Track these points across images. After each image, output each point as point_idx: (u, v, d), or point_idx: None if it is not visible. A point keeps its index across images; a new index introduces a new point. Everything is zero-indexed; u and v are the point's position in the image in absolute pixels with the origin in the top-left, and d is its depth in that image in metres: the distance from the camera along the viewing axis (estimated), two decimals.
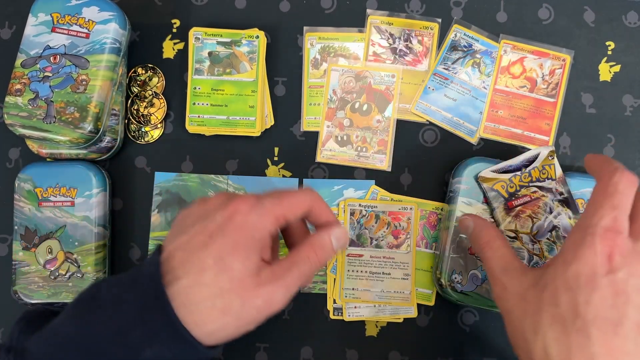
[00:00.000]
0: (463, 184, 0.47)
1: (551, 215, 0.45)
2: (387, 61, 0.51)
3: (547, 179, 0.46)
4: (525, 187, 0.46)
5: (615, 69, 0.52)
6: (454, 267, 0.46)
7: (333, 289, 0.49)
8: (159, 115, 0.51)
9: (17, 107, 0.44)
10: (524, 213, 0.45)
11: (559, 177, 0.46)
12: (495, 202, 0.46)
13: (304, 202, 0.38)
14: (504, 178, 0.46)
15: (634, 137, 0.51)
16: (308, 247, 0.37)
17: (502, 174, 0.46)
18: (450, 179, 0.48)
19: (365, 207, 0.49)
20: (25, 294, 0.46)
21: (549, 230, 0.45)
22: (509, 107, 0.51)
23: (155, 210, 0.50)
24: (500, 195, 0.46)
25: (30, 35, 0.46)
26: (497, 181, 0.46)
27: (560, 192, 0.46)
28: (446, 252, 0.46)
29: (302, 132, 0.51)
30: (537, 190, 0.46)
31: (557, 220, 0.45)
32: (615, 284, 0.31)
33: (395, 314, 0.48)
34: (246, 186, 0.50)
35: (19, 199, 0.47)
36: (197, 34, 0.48)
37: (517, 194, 0.46)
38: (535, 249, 0.45)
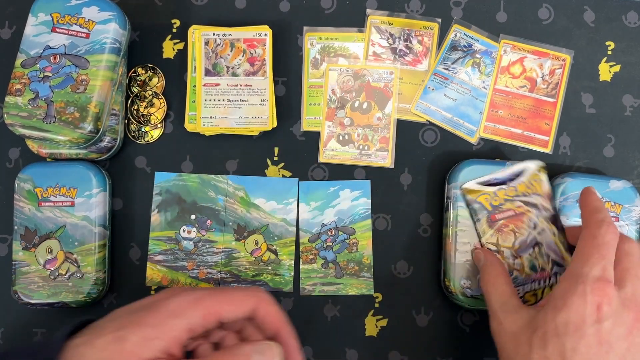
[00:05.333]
0: (460, 189, 0.47)
1: (535, 231, 0.44)
2: (387, 61, 0.51)
3: (534, 194, 0.45)
4: (510, 200, 0.45)
5: (615, 69, 0.52)
6: (461, 274, 0.46)
7: None
8: (159, 115, 0.51)
9: (17, 107, 0.44)
10: (507, 227, 0.45)
11: (546, 193, 0.45)
12: (478, 214, 0.45)
13: (245, 301, 0.34)
14: (489, 191, 0.45)
15: (633, 137, 0.51)
16: (224, 356, 0.33)
17: (488, 186, 0.46)
18: (446, 185, 0.48)
19: (219, 35, 0.48)
20: (25, 294, 0.46)
21: (531, 246, 0.44)
22: (509, 107, 0.51)
23: (155, 210, 0.50)
24: (483, 208, 0.45)
25: (30, 35, 0.46)
26: (481, 194, 0.45)
27: (546, 208, 0.45)
28: (452, 259, 0.46)
29: (302, 132, 0.51)
30: (522, 205, 0.45)
31: (540, 236, 0.44)
32: (600, 333, 0.34)
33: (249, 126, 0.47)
34: (246, 186, 0.50)
35: (18, 198, 0.47)
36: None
37: (501, 207, 0.45)
38: (516, 264, 0.44)
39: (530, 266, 0.44)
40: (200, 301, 0.33)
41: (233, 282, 0.49)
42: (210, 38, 0.48)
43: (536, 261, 0.44)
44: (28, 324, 0.49)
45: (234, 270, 0.49)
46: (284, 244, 0.49)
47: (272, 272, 0.49)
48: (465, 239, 0.46)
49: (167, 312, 0.32)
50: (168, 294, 0.34)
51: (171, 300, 0.33)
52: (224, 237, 0.49)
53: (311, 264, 0.49)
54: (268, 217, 0.49)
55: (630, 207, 0.47)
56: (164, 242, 0.49)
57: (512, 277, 0.43)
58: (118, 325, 0.32)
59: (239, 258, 0.49)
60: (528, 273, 0.44)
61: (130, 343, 0.31)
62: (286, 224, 0.49)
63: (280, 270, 0.49)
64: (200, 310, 0.33)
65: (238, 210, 0.49)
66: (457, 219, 0.46)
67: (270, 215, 0.49)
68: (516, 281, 0.44)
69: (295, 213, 0.50)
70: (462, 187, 0.46)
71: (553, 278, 0.44)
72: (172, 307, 0.33)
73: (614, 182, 0.47)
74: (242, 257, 0.49)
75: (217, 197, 0.50)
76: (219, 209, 0.49)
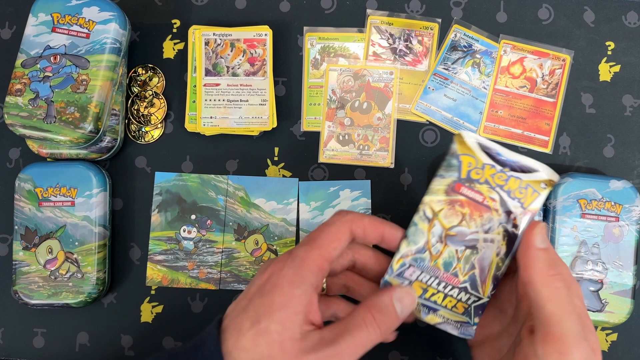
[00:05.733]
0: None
1: (483, 234, 0.36)
2: (387, 61, 0.51)
3: (518, 200, 0.36)
4: (490, 186, 0.36)
5: (615, 69, 0.52)
6: None
7: None
8: (159, 115, 0.51)
9: (18, 107, 0.45)
10: (462, 207, 0.37)
11: (530, 210, 0.36)
12: (446, 172, 0.37)
13: (340, 232, 0.34)
14: (481, 158, 0.37)
15: (633, 137, 0.51)
16: (364, 310, 0.33)
17: (484, 152, 0.37)
18: None
19: (219, 35, 0.47)
20: (25, 294, 0.46)
21: (466, 245, 0.37)
22: (509, 107, 0.51)
23: (155, 210, 0.50)
24: (458, 170, 0.37)
25: (31, 35, 0.46)
26: (470, 154, 0.37)
27: (515, 225, 0.36)
28: None
29: (302, 132, 0.51)
30: (497, 200, 0.36)
31: (483, 244, 0.36)
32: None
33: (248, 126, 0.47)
34: (246, 186, 0.50)
35: (19, 198, 0.47)
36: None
37: (475, 184, 0.37)
38: (436, 247, 0.37)
39: (445, 262, 0.37)
40: (307, 260, 0.32)
41: (233, 282, 0.49)
42: (210, 38, 0.48)
43: (456, 262, 0.37)
44: (28, 324, 0.49)
45: (234, 271, 0.49)
46: (284, 244, 0.49)
47: None
48: None
49: (288, 284, 0.32)
50: (273, 267, 0.33)
51: (283, 272, 0.32)
52: (224, 237, 0.49)
53: None
54: (268, 217, 0.49)
55: (631, 207, 0.47)
56: (164, 242, 0.49)
57: (420, 255, 0.37)
58: (253, 318, 0.31)
59: (239, 258, 0.49)
60: (438, 265, 0.37)
61: (275, 332, 0.30)
62: (286, 224, 0.49)
63: None
64: (312, 267, 0.32)
65: (238, 210, 0.49)
66: None
67: (271, 215, 0.49)
68: (417, 262, 0.37)
69: (295, 213, 0.50)
70: (458, 133, 0.37)
71: (456, 291, 0.37)
72: (290, 277, 0.32)
73: (614, 182, 0.47)
74: (243, 257, 0.49)
75: (217, 197, 0.50)
76: (219, 209, 0.49)
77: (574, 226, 0.47)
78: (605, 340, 0.49)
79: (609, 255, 0.46)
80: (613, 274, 0.46)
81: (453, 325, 0.38)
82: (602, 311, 0.46)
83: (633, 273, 0.46)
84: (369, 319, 0.32)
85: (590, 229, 0.46)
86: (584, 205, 0.47)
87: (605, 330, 0.49)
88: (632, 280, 0.46)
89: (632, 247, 0.46)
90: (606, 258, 0.46)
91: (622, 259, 0.46)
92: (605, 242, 0.46)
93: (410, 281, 0.37)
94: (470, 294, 0.37)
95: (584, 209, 0.47)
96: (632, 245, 0.47)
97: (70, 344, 0.49)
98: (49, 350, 0.49)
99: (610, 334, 0.49)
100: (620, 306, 0.46)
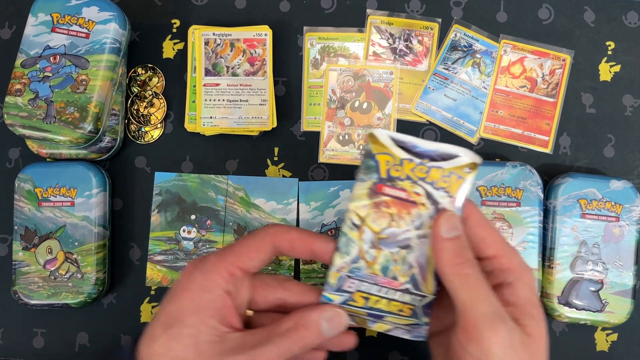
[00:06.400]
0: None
1: (415, 231, 0.34)
2: (387, 61, 0.51)
3: (444, 191, 0.34)
4: (412, 181, 0.34)
5: (615, 68, 0.52)
6: None
7: None
8: (158, 115, 0.51)
9: (17, 107, 0.44)
10: (388, 208, 0.35)
11: (457, 196, 0.34)
12: (366, 174, 0.35)
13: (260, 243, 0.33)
14: (397, 154, 0.34)
15: (634, 137, 0.51)
16: (291, 322, 0.32)
17: (400, 148, 0.35)
18: None
19: (219, 35, 0.47)
20: (25, 294, 0.46)
21: (400, 245, 0.35)
22: (509, 107, 0.51)
23: (155, 210, 0.50)
24: (376, 171, 0.35)
25: (30, 35, 0.46)
26: (386, 152, 0.35)
27: None
28: None
29: (302, 132, 0.51)
30: (423, 194, 0.34)
31: (417, 242, 0.35)
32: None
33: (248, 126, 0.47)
34: (246, 186, 0.50)
35: (19, 199, 0.47)
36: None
37: (397, 181, 0.34)
38: (370, 254, 0.35)
39: (382, 266, 0.35)
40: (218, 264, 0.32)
41: None
42: (210, 38, 0.48)
43: (393, 265, 0.35)
44: (28, 324, 0.49)
45: None
46: None
47: (272, 272, 0.49)
48: None
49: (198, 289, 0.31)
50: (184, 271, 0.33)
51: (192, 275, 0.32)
52: (224, 237, 0.49)
53: (311, 264, 0.49)
54: (268, 217, 0.49)
55: (631, 207, 0.47)
56: (164, 242, 0.49)
57: (356, 265, 0.35)
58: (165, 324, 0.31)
59: None
60: (375, 272, 0.35)
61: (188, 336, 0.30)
62: (286, 224, 0.49)
63: (281, 271, 0.49)
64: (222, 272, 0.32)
65: (238, 210, 0.49)
66: None
67: (270, 216, 0.49)
68: (354, 273, 0.35)
69: (295, 213, 0.50)
70: (370, 132, 0.35)
71: (399, 294, 0.35)
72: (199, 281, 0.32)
73: (614, 182, 0.47)
74: None
75: (217, 197, 0.50)
76: (219, 209, 0.49)
77: (574, 226, 0.46)
78: (605, 340, 0.49)
79: (609, 255, 0.46)
80: (613, 274, 0.46)
81: (404, 330, 0.37)
82: (603, 311, 0.46)
83: (633, 273, 0.46)
84: (293, 332, 0.32)
85: (590, 229, 0.46)
86: (584, 205, 0.47)
87: (606, 330, 0.49)
88: (633, 280, 0.46)
89: (633, 247, 0.46)
90: (606, 258, 0.46)
91: (622, 259, 0.46)
92: (605, 242, 0.46)
93: (350, 293, 0.35)
94: (414, 295, 0.35)
95: (584, 209, 0.47)
96: (632, 245, 0.46)
97: (70, 344, 0.49)
98: (48, 350, 0.49)
99: (611, 334, 0.49)
100: (621, 306, 0.46)
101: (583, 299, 0.46)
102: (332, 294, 0.35)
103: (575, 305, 0.46)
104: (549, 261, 0.47)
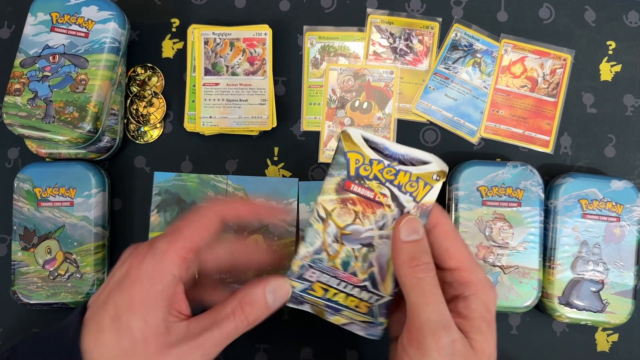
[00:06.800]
0: (460, 190, 0.46)
1: (379, 231, 0.35)
2: (388, 61, 0.51)
3: (410, 195, 0.35)
4: (380, 182, 0.35)
5: (616, 68, 0.52)
6: None
7: None
8: (158, 115, 0.50)
9: (16, 106, 0.44)
10: (354, 206, 0.35)
11: (424, 204, 0.35)
12: (335, 170, 0.35)
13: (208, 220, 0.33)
14: (366, 154, 0.35)
15: (634, 137, 0.51)
16: (235, 302, 0.32)
17: (371, 148, 0.35)
18: (447, 186, 0.48)
19: (219, 35, 0.47)
20: (24, 294, 0.46)
21: (362, 243, 0.35)
22: (510, 107, 0.51)
23: (154, 210, 0.49)
24: (345, 168, 0.35)
25: (30, 35, 0.46)
26: (356, 150, 0.35)
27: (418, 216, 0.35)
28: None
29: (302, 132, 0.51)
30: (388, 195, 0.35)
31: (379, 241, 0.35)
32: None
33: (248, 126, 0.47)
34: (246, 186, 0.50)
35: (18, 199, 0.47)
36: None
37: (364, 180, 0.35)
38: (332, 247, 0.36)
39: (343, 261, 0.36)
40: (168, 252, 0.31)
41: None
42: (209, 37, 0.48)
43: (354, 261, 0.36)
44: (27, 324, 0.49)
45: None
46: (284, 244, 0.49)
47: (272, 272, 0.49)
48: (467, 241, 0.45)
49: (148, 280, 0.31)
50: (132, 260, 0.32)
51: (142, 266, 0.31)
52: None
53: None
54: None
55: (632, 207, 0.47)
56: None
57: (318, 256, 0.36)
58: (113, 315, 0.31)
59: None
60: (336, 265, 0.36)
61: (137, 329, 0.30)
62: (286, 225, 0.49)
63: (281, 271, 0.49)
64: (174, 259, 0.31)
65: None
66: (459, 220, 0.46)
67: None
68: (316, 263, 0.36)
69: (295, 213, 0.49)
70: (343, 130, 0.35)
71: (357, 290, 0.36)
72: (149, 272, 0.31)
73: (615, 182, 0.47)
74: None
75: (217, 198, 0.49)
76: None
77: (575, 226, 0.46)
78: (606, 340, 0.49)
79: (610, 255, 0.46)
80: (614, 275, 0.46)
81: (359, 326, 0.38)
82: (603, 312, 0.46)
83: (634, 273, 0.46)
84: (238, 312, 0.32)
85: (591, 229, 0.46)
86: (585, 205, 0.46)
87: (607, 330, 0.49)
88: (633, 281, 0.46)
89: (633, 248, 0.46)
90: (607, 258, 0.46)
91: (623, 259, 0.46)
92: (606, 242, 0.46)
93: (311, 282, 0.36)
94: (372, 293, 0.36)
95: (585, 209, 0.46)
96: (633, 245, 0.46)
97: None
98: None
99: (612, 335, 0.49)
100: (621, 306, 0.46)
101: (584, 299, 0.46)
102: (294, 280, 0.36)
103: (576, 306, 0.46)
104: (549, 261, 0.47)
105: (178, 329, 0.31)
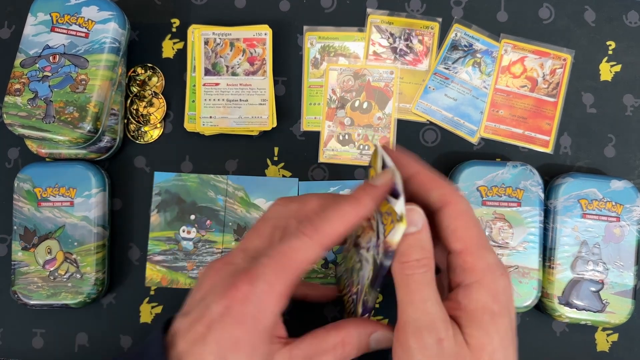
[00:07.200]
0: (460, 190, 0.46)
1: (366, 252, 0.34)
2: (388, 61, 0.51)
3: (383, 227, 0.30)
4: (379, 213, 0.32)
5: (616, 68, 0.52)
6: None
7: None
8: (158, 115, 0.51)
9: (17, 106, 0.44)
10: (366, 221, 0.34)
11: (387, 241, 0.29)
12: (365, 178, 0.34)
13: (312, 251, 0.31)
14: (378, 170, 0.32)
15: (634, 137, 0.51)
16: (338, 337, 0.32)
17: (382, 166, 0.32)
18: None
19: (219, 35, 0.47)
20: (24, 294, 0.46)
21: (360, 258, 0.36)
22: (510, 107, 0.51)
23: (154, 210, 0.49)
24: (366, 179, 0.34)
25: (30, 35, 0.46)
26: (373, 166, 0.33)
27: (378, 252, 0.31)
28: None
29: (302, 132, 0.51)
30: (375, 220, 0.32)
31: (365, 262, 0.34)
32: None
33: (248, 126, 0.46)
34: (246, 186, 0.50)
35: (18, 199, 0.47)
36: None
37: None
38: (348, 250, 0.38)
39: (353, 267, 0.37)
40: (275, 287, 0.30)
41: None
42: (209, 37, 0.48)
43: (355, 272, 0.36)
44: (27, 325, 0.49)
45: None
46: None
47: None
48: None
49: (252, 321, 0.30)
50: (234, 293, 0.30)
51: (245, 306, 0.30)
52: (224, 238, 0.49)
53: None
54: None
55: (632, 207, 0.47)
56: (164, 242, 0.49)
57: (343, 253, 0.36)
58: (217, 354, 0.29)
59: None
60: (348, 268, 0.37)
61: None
62: None
63: None
64: (279, 299, 0.30)
65: (238, 210, 0.49)
66: None
67: None
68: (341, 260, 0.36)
69: None
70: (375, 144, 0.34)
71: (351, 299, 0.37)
72: (254, 313, 0.30)
73: (614, 182, 0.47)
74: None
75: (217, 197, 0.49)
76: (218, 209, 0.49)
77: (574, 226, 0.46)
78: (606, 340, 0.49)
79: (609, 255, 0.46)
80: (614, 274, 0.46)
81: None
82: (603, 311, 0.46)
83: (634, 273, 0.46)
84: (339, 349, 0.32)
85: (591, 229, 0.46)
86: (584, 205, 0.46)
87: (606, 330, 0.49)
88: (633, 281, 0.46)
89: (633, 247, 0.46)
90: (607, 258, 0.46)
91: (623, 259, 0.46)
92: (606, 242, 0.46)
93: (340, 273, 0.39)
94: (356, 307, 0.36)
95: (585, 209, 0.46)
96: (633, 245, 0.46)
97: (69, 344, 0.49)
98: (48, 350, 0.49)
99: (611, 334, 0.49)
100: (621, 306, 0.46)
101: (583, 299, 0.46)
102: None
103: (575, 306, 0.46)
104: (549, 261, 0.47)
105: (282, 356, 0.31)
